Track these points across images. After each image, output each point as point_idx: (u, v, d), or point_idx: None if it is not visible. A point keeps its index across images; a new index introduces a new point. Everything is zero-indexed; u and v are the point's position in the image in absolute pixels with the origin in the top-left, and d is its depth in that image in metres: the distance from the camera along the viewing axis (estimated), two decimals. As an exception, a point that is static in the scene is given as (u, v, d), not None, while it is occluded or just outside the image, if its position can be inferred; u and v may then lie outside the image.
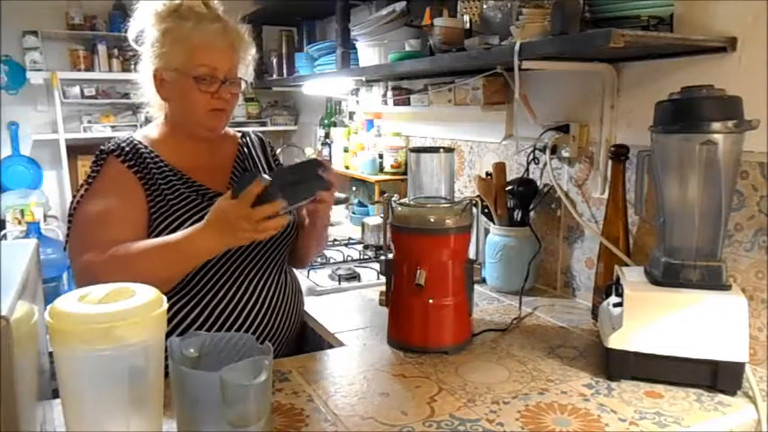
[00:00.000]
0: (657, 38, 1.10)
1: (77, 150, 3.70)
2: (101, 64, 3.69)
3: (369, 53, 1.93)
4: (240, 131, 1.46)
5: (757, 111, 1.07)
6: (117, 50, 3.70)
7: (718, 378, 1.03)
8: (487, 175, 1.68)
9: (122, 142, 1.25)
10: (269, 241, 1.27)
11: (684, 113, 1.02)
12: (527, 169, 1.66)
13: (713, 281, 1.05)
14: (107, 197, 1.19)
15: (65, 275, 3.45)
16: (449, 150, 1.28)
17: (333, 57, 2.24)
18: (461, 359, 1.19)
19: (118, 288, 0.77)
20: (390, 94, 2.23)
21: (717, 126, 0.99)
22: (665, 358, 1.05)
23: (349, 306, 1.54)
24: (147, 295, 0.76)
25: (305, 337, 1.46)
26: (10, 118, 3.64)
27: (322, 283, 1.71)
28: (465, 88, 1.80)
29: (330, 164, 1.21)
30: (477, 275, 1.25)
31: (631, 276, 1.13)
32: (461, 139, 2.01)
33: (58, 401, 0.78)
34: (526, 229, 1.58)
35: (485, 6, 1.40)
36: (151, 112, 1.35)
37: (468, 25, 1.46)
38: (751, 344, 1.09)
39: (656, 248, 1.14)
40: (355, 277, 1.75)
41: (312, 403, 1.01)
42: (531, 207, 1.63)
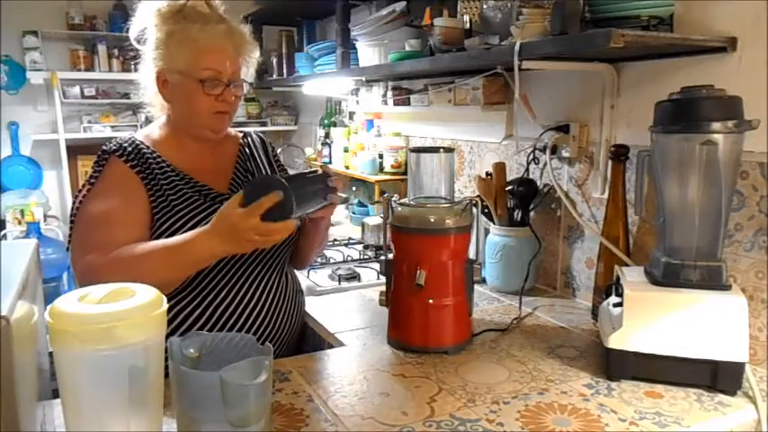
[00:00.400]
0: (657, 38, 1.10)
1: (77, 150, 3.70)
2: (101, 64, 3.69)
3: (369, 53, 1.93)
4: (241, 131, 1.46)
5: (757, 111, 1.07)
6: (117, 50, 3.69)
7: (718, 378, 1.03)
8: (487, 175, 1.68)
9: (124, 142, 1.25)
10: None
11: (684, 113, 1.02)
12: (527, 169, 1.66)
13: (713, 281, 1.05)
14: (110, 198, 1.18)
15: (65, 275, 3.45)
16: (449, 150, 1.28)
17: (333, 57, 2.24)
18: (461, 359, 1.19)
19: (118, 288, 0.77)
20: (390, 94, 2.23)
21: (717, 126, 0.99)
22: (665, 358, 1.05)
23: (349, 306, 1.54)
24: (147, 295, 0.76)
25: (305, 338, 1.46)
26: (10, 118, 3.64)
27: (322, 283, 1.71)
28: (465, 88, 1.80)
29: (335, 172, 1.21)
30: (477, 275, 1.25)
31: (631, 276, 1.13)
32: (461, 139, 2.01)
33: (57, 401, 0.78)
34: (526, 229, 1.58)
35: (485, 6, 1.40)
36: (152, 112, 1.34)
37: (468, 25, 1.46)
38: (751, 344, 1.09)
39: (656, 248, 1.14)
40: (355, 277, 1.75)
41: (312, 403, 1.01)
42: (531, 207, 1.63)
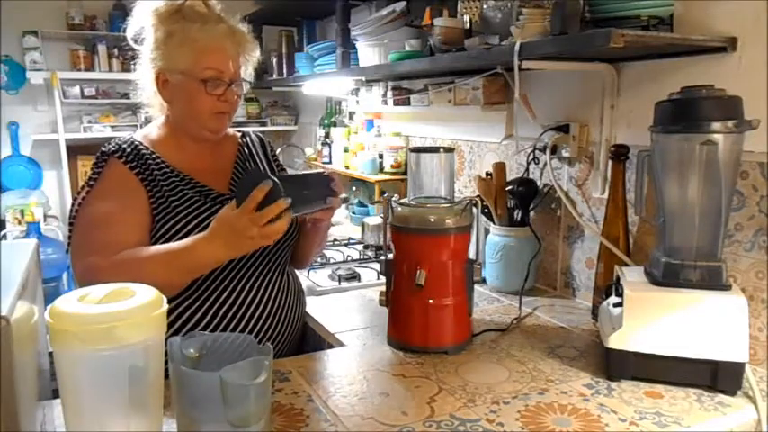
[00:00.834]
0: (657, 38, 1.10)
1: (77, 150, 3.69)
2: (101, 64, 3.69)
3: (369, 53, 1.93)
4: (240, 131, 1.46)
5: (757, 111, 1.07)
6: (117, 50, 3.69)
7: (718, 378, 1.03)
8: (487, 175, 1.68)
9: (123, 143, 1.24)
10: None
11: (684, 113, 1.02)
12: (527, 169, 1.66)
13: (713, 281, 1.05)
14: (109, 199, 1.18)
15: (65, 275, 3.45)
16: (449, 150, 1.28)
17: (333, 57, 2.24)
18: (461, 359, 1.19)
19: (118, 288, 0.77)
20: (390, 94, 2.23)
21: (717, 126, 0.99)
22: (665, 358, 1.05)
23: (349, 306, 1.54)
24: (147, 295, 0.76)
25: (305, 338, 1.46)
26: (10, 118, 3.64)
27: (322, 283, 1.71)
28: (465, 88, 1.80)
29: (336, 175, 1.21)
30: (477, 275, 1.25)
31: (631, 276, 1.13)
32: (461, 139, 2.01)
33: (58, 401, 0.78)
34: (526, 229, 1.58)
35: (485, 6, 1.40)
36: (151, 112, 1.34)
37: (468, 25, 1.46)
38: (751, 344, 1.09)
39: (656, 248, 1.14)
40: (355, 277, 1.75)
41: (312, 403, 1.01)
42: (531, 207, 1.63)
